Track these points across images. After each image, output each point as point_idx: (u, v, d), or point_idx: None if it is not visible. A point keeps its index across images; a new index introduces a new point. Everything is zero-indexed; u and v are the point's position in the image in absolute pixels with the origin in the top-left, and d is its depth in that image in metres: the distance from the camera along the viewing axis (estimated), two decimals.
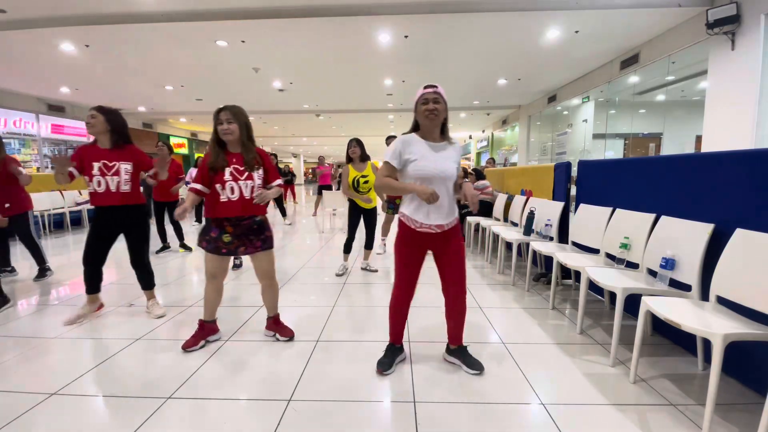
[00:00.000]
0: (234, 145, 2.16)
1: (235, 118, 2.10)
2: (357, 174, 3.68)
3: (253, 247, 2.22)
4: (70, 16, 5.28)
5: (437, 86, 1.83)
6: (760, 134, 4.56)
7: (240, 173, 2.14)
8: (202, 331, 2.31)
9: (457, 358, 2.05)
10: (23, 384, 1.89)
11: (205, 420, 1.62)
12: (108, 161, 2.52)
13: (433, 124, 1.85)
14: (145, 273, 2.81)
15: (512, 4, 5.11)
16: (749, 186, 1.86)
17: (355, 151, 3.69)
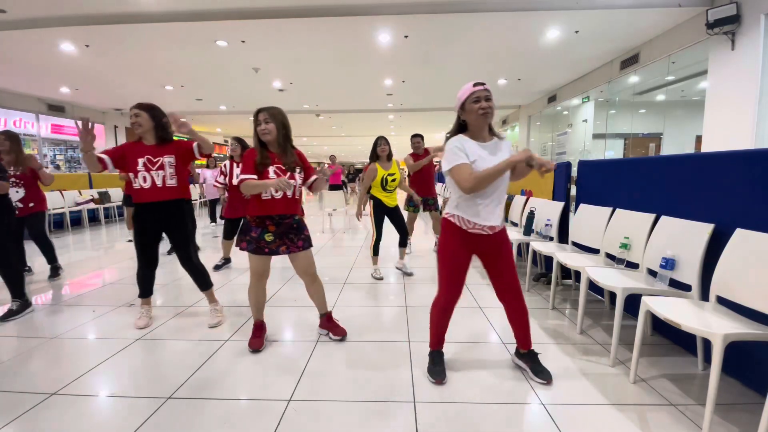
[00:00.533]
0: (273, 145, 2.17)
1: (272, 118, 2.12)
2: (384, 173, 3.65)
3: (295, 246, 2.23)
4: (70, 16, 5.28)
5: (485, 83, 1.77)
6: (760, 134, 4.56)
7: (283, 172, 2.16)
8: (262, 330, 2.35)
9: (526, 363, 2.00)
10: (23, 384, 1.89)
11: (205, 420, 1.62)
12: (152, 157, 2.45)
13: (485, 122, 1.78)
14: (197, 273, 2.66)
15: (512, 4, 5.11)
16: (749, 186, 1.86)
17: (385, 149, 3.66)
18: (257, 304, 2.33)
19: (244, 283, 3.64)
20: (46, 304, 3.11)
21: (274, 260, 2.31)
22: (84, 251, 5.29)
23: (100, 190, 8.17)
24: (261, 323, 2.36)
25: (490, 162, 1.74)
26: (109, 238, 6.46)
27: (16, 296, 2.83)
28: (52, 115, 10.71)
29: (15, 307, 2.78)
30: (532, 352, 2.01)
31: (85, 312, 2.88)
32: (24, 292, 2.87)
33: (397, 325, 2.63)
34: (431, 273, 4.00)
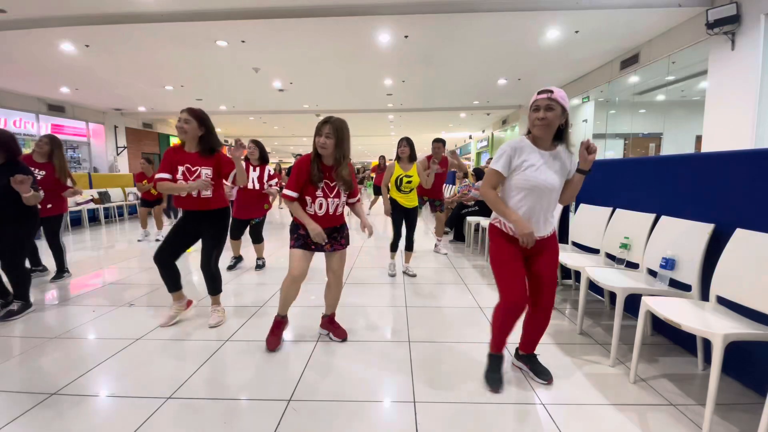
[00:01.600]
0: (328, 159, 2.15)
1: (334, 133, 2.07)
2: (402, 173, 3.67)
3: (339, 244, 2.28)
4: (70, 16, 5.28)
5: (553, 90, 1.65)
6: (760, 134, 4.56)
7: (330, 189, 2.17)
8: (280, 328, 2.34)
9: (525, 364, 1.99)
10: (24, 384, 1.89)
11: (205, 420, 1.62)
12: (191, 165, 2.45)
13: (543, 133, 1.70)
14: (212, 278, 2.67)
15: (512, 4, 5.11)
16: (749, 186, 1.86)
17: (405, 150, 3.68)
18: (287, 301, 2.31)
19: (241, 282, 3.64)
20: (46, 304, 3.11)
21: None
22: (84, 251, 5.29)
23: (100, 190, 8.17)
24: (282, 319, 2.35)
25: (542, 171, 1.71)
26: (109, 238, 6.46)
27: (19, 297, 2.83)
28: (52, 115, 10.72)
29: (16, 307, 2.78)
30: (533, 355, 2.00)
31: (85, 312, 2.88)
32: (28, 295, 2.88)
33: (397, 325, 2.63)
34: (431, 273, 4.00)
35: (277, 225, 7.76)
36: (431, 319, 2.73)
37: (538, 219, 1.78)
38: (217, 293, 2.73)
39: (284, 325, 2.38)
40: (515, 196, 1.77)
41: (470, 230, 5.29)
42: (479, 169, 5.88)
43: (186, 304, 2.76)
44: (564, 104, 1.68)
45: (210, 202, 2.53)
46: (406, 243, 3.88)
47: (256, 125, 15.62)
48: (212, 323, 2.60)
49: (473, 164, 18.20)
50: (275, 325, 2.34)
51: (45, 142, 3.54)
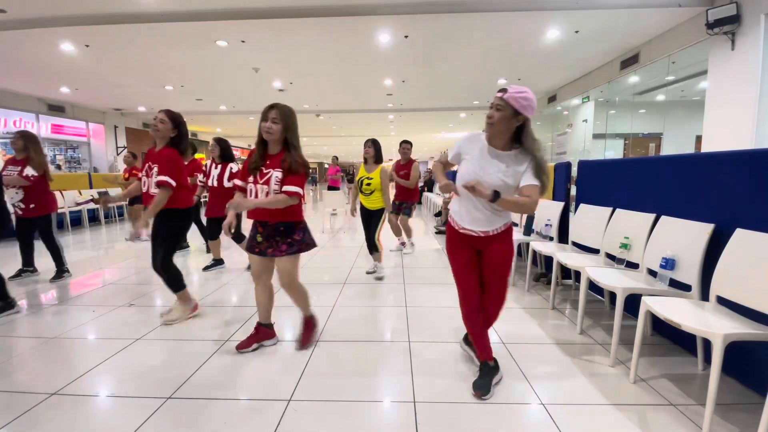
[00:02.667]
0: (273, 146, 2.10)
1: (281, 119, 2.03)
2: (364, 174, 3.67)
3: (279, 250, 2.13)
4: (70, 16, 5.27)
5: (507, 90, 1.62)
6: (760, 134, 4.56)
7: (262, 176, 2.07)
8: (257, 335, 2.27)
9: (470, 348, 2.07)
10: (23, 384, 1.89)
11: (205, 420, 1.62)
12: (152, 163, 2.50)
13: (489, 131, 1.69)
14: (162, 278, 2.66)
15: (512, 4, 5.11)
16: (749, 186, 1.86)
17: (369, 151, 3.67)
18: (258, 306, 2.29)
19: (240, 282, 3.64)
20: (46, 303, 3.11)
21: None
22: (84, 251, 5.29)
23: (100, 190, 8.17)
24: (260, 326, 2.29)
25: (478, 167, 1.71)
26: (109, 238, 6.46)
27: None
28: (52, 115, 10.71)
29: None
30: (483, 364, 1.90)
31: (85, 312, 2.88)
32: (6, 294, 2.85)
33: (397, 325, 2.63)
34: (431, 273, 4.00)
35: None
36: (431, 319, 2.73)
37: (474, 211, 1.77)
38: (178, 290, 2.66)
39: (262, 335, 2.28)
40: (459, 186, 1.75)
41: None
42: None
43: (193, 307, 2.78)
44: (515, 105, 1.61)
45: None
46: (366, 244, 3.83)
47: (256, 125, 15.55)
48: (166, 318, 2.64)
49: None
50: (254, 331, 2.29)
51: (17, 138, 3.53)
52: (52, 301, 3.16)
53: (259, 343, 2.27)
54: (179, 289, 2.67)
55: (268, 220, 2.11)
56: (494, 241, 1.80)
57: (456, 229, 1.84)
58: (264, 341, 2.29)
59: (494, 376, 1.86)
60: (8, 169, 3.53)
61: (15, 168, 3.52)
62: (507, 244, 1.83)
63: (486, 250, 1.83)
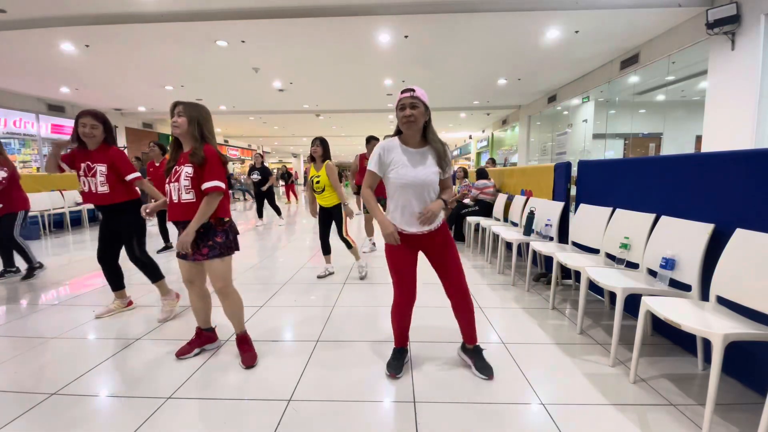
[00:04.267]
0: (186, 143, 2.01)
1: (185, 111, 1.96)
2: (313, 174, 3.66)
3: (199, 254, 1.99)
4: (70, 16, 5.28)
5: (415, 89, 1.75)
6: (760, 134, 4.56)
7: (174, 174, 1.98)
8: (199, 339, 2.22)
9: (470, 358, 2.03)
10: (24, 384, 1.89)
11: (205, 420, 1.62)
12: (91, 163, 2.55)
13: (411, 130, 1.79)
14: (141, 267, 2.84)
15: (512, 4, 5.11)
16: (749, 186, 1.86)
17: (317, 150, 3.57)
18: (194, 311, 2.21)
19: (239, 283, 3.64)
20: (47, 304, 3.11)
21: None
22: (84, 251, 5.29)
23: None
24: (199, 331, 2.23)
25: (411, 168, 1.80)
26: None
27: None
28: (52, 115, 10.71)
29: None
30: (478, 348, 2.04)
31: (85, 312, 2.88)
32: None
33: None
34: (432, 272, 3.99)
35: (250, 226, 7.77)
36: (431, 319, 2.73)
37: (415, 213, 1.84)
38: (158, 279, 2.82)
39: (205, 339, 2.23)
40: (393, 193, 1.87)
41: (470, 230, 5.29)
42: (482, 169, 5.87)
43: (127, 303, 2.92)
44: (425, 101, 1.77)
45: (109, 197, 2.60)
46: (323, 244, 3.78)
47: (256, 125, 15.63)
48: (160, 318, 2.71)
49: (473, 164, 18.20)
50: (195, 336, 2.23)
51: None
52: (53, 301, 3.16)
53: (201, 348, 2.23)
54: (160, 277, 2.85)
55: (183, 221, 1.97)
56: (436, 235, 1.92)
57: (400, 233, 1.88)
58: (206, 345, 2.25)
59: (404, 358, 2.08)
60: None
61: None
62: (447, 232, 1.98)
63: (430, 244, 1.94)
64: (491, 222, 4.68)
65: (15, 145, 10.05)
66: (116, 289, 2.84)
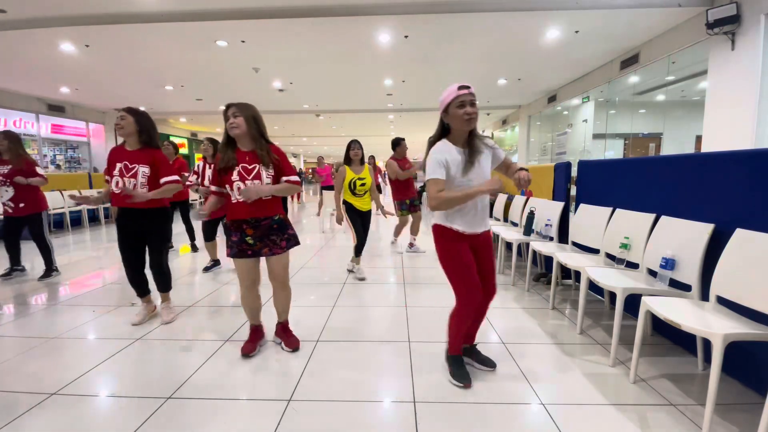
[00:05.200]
0: (243, 141, 2.08)
1: (240, 111, 2.02)
2: (354, 176, 3.62)
3: (278, 248, 2.13)
4: (70, 16, 5.27)
5: (470, 86, 1.71)
6: (760, 134, 4.56)
7: (248, 172, 2.03)
8: (256, 335, 2.29)
9: (469, 357, 2.05)
10: (23, 384, 1.89)
11: (205, 420, 1.62)
12: (129, 163, 2.47)
13: (470, 127, 1.73)
14: (159, 276, 2.72)
15: (512, 4, 5.10)
16: (749, 186, 1.86)
17: (358, 153, 3.63)
18: (251, 311, 2.27)
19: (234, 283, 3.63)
20: (46, 304, 3.11)
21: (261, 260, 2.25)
22: (84, 251, 5.29)
23: (100, 190, 8.16)
24: (256, 328, 2.31)
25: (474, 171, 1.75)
26: (109, 238, 6.45)
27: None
28: (52, 115, 10.71)
29: None
30: (473, 346, 2.08)
31: (85, 312, 2.88)
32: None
33: (397, 325, 2.63)
34: (431, 273, 4.00)
35: None
36: (431, 319, 2.73)
37: (479, 214, 1.84)
38: (167, 290, 2.79)
39: (261, 333, 2.33)
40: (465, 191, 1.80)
41: None
42: None
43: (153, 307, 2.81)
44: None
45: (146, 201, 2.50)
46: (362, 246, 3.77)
47: None
48: (166, 320, 2.67)
49: None
50: (251, 332, 2.30)
51: (1, 138, 3.55)
52: (53, 301, 3.16)
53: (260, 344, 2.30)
54: (170, 288, 2.80)
55: (260, 217, 2.08)
56: (487, 237, 1.94)
57: (460, 233, 1.81)
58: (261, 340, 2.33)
59: None
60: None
61: (3, 167, 3.53)
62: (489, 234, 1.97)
63: (481, 243, 1.91)
64: (491, 222, 4.68)
65: None
66: (144, 294, 2.73)
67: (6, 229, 3.71)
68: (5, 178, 3.53)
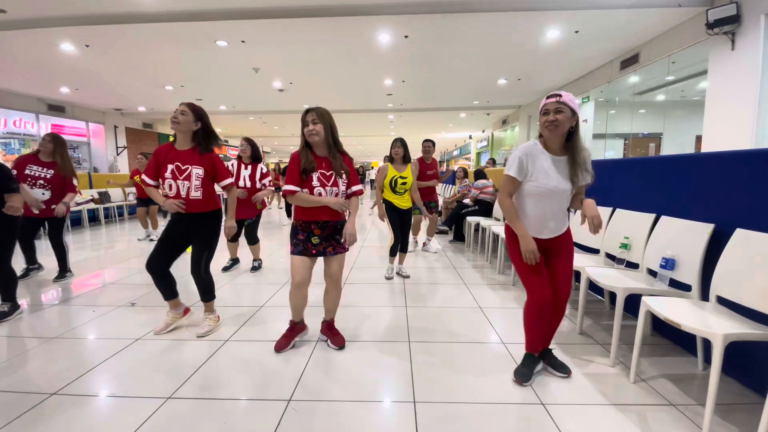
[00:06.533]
0: (320, 147, 2.12)
1: (320, 118, 2.05)
2: (396, 174, 3.63)
3: (341, 247, 2.21)
4: (70, 16, 5.28)
5: (561, 94, 1.70)
6: (760, 134, 4.56)
7: (326, 179, 2.10)
8: (293, 332, 2.30)
9: (543, 361, 2.01)
10: (23, 384, 1.89)
11: (205, 420, 1.62)
12: (182, 164, 2.33)
13: (554, 135, 1.73)
14: (199, 284, 2.53)
15: (512, 4, 5.11)
16: (749, 186, 1.86)
17: (398, 151, 3.65)
18: (296, 308, 2.28)
19: (240, 283, 3.64)
20: (47, 304, 3.11)
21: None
22: (84, 251, 5.29)
23: (100, 190, 8.17)
24: (295, 324, 2.31)
25: (553, 177, 1.76)
26: (109, 238, 6.46)
27: (7, 299, 2.79)
28: (52, 115, 10.72)
29: (6, 308, 2.75)
30: (548, 350, 2.03)
31: (85, 312, 2.88)
32: (15, 296, 2.83)
33: (397, 325, 2.63)
34: (431, 273, 4.00)
35: (275, 225, 7.76)
36: (431, 319, 2.73)
37: (549, 221, 1.83)
38: (210, 300, 2.58)
39: (298, 331, 2.34)
40: (529, 202, 1.83)
41: (470, 230, 5.29)
42: (480, 170, 5.88)
43: (183, 311, 2.62)
44: (573, 107, 1.71)
45: (200, 203, 2.39)
46: (401, 244, 3.82)
47: (256, 125, 15.62)
48: (200, 333, 2.45)
49: (473, 164, 18.20)
50: (289, 328, 2.32)
51: (48, 141, 3.55)
52: (53, 301, 3.16)
53: (296, 340, 2.33)
54: (213, 297, 2.59)
55: (329, 220, 2.15)
56: (562, 241, 1.90)
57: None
58: (299, 335, 2.36)
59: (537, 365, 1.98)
60: (34, 169, 3.48)
61: (40, 169, 3.49)
62: (571, 242, 1.95)
63: (553, 249, 1.91)
64: (491, 222, 4.68)
65: (15, 145, 10.06)
66: (170, 297, 2.52)
67: (25, 229, 3.67)
68: (47, 182, 3.49)
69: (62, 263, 3.79)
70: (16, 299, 2.86)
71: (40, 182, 3.47)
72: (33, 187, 3.44)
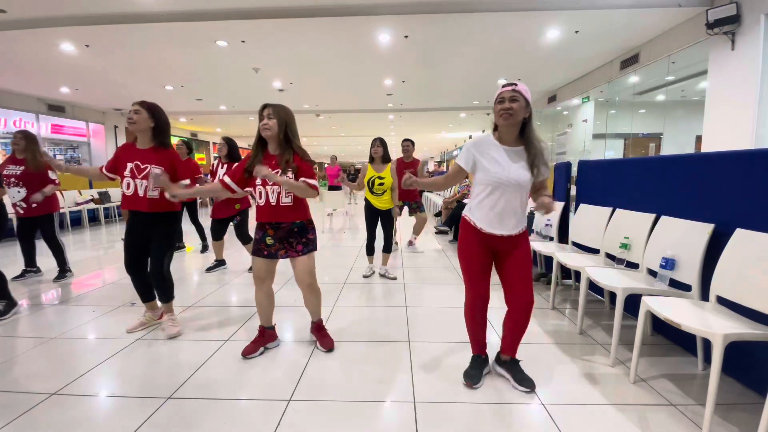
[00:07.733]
0: (272, 143, 2.08)
1: (275, 114, 2.02)
2: (374, 174, 3.64)
3: (294, 251, 2.13)
4: (70, 16, 5.27)
5: (517, 83, 1.70)
6: (760, 134, 4.56)
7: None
8: (263, 338, 2.24)
9: (508, 371, 1.91)
10: (23, 384, 1.89)
11: (205, 420, 1.62)
12: (141, 163, 2.33)
13: (508, 123, 1.71)
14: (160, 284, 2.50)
15: (512, 4, 5.11)
16: (749, 186, 1.86)
17: (378, 150, 3.64)
18: (259, 310, 2.25)
19: (240, 283, 3.64)
20: (47, 303, 3.11)
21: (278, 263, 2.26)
22: (84, 251, 5.29)
23: (100, 190, 8.17)
24: (264, 330, 2.26)
25: (505, 167, 1.73)
26: (109, 238, 6.46)
27: (1, 297, 2.80)
28: (52, 115, 10.70)
29: (1, 307, 2.75)
30: (515, 360, 1.93)
31: (85, 312, 2.88)
32: (7, 293, 2.83)
33: (397, 325, 2.63)
34: (431, 273, 4.00)
35: None
36: (431, 319, 2.73)
37: (506, 216, 1.79)
38: (171, 299, 2.55)
39: (268, 338, 2.26)
40: (481, 193, 1.79)
41: None
42: None
43: (160, 315, 2.63)
44: (527, 96, 1.72)
45: (157, 204, 2.36)
46: (384, 244, 3.79)
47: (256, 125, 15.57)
48: (171, 333, 2.42)
49: None
50: (258, 334, 2.26)
51: (20, 138, 3.54)
52: (53, 301, 3.16)
53: (264, 347, 2.25)
54: (173, 297, 2.57)
55: (282, 221, 2.10)
56: (517, 242, 1.84)
57: (478, 231, 1.82)
58: (268, 344, 2.27)
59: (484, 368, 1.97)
60: (9, 168, 3.52)
61: (13, 167, 3.52)
62: (527, 244, 1.89)
63: (507, 251, 1.86)
64: None
65: None
66: (148, 300, 2.56)
67: (21, 230, 3.71)
68: (18, 179, 3.50)
69: (61, 262, 3.79)
70: (11, 296, 2.86)
71: (13, 180, 3.50)
72: (9, 186, 3.47)
